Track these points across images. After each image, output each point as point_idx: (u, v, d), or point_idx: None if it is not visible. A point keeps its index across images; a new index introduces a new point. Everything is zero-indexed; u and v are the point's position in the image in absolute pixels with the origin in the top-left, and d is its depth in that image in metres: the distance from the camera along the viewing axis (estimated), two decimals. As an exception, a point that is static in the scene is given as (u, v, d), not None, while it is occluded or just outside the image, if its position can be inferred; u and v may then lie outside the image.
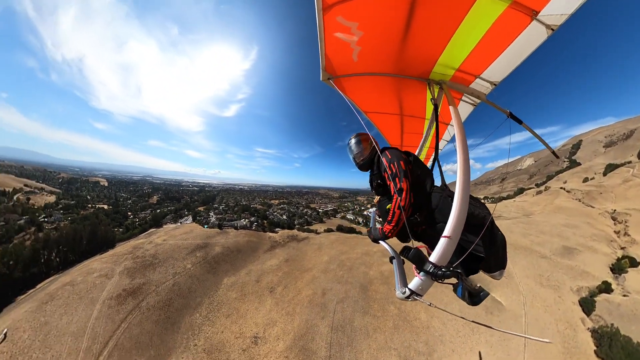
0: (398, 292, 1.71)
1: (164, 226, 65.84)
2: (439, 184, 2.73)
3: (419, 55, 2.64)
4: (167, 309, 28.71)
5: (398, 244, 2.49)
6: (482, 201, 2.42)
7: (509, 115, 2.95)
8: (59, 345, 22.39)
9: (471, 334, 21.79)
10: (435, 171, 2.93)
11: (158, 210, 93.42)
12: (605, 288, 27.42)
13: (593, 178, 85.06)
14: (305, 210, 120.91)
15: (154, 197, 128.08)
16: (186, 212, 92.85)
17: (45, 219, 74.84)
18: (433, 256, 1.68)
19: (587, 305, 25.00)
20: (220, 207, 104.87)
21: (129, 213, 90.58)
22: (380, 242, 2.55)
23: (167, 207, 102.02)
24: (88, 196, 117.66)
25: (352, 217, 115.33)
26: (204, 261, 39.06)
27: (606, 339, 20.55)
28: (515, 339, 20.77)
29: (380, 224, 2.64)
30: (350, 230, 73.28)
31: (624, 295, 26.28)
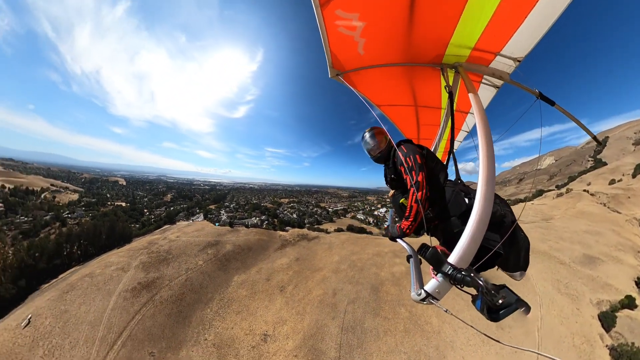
0: (413, 294, 1.59)
1: (177, 223, 67.52)
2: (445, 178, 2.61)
3: (429, 39, 2.43)
4: (179, 303, 29.28)
5: (414, 242, 2.24)
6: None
7: (538, 96, 2.61)
8: (77, 332, 23.43)
9: (481, 344, 20.98)
10: (449, 166, 2.76)
11: (172, 208, 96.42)
12: (629, 303, 25.09)
13: (620, 180, 79.44)
14: (315, 209, 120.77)
15: (168, 195, 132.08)
16: (198, 210, 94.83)
17: (69, 215, 79.00)
18: (452, 256, 1.54)
19: (607, 320, 23.06)
20: (231, 206, 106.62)
21: (145, 210, 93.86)
22: (398, 240, 2.48)
23: (180, 205, 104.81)
24: (108, 194, 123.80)
25: (362, 217, 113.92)
26: (215, 258, 39.61)
27: (625, 359, 18.92)
28: (527, 352, 19.71)
29: (397, 222, 2.57)
30: (361, 231, 72.63)
31: (649, 313, 24.11)
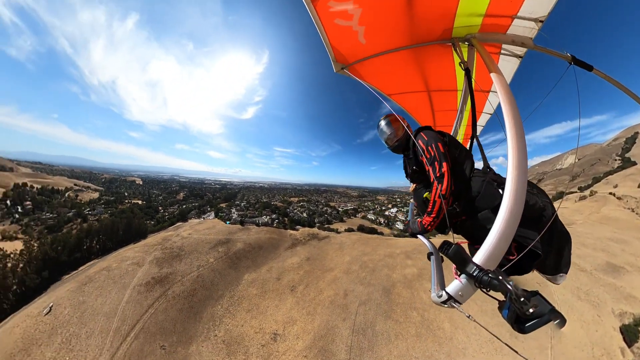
0: (433, 295, 1.46)
1: (189, 221, 68.95)
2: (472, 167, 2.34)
3: (432, 13, 2.23)
4: (191, 298, 29.63)
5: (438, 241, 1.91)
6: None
7: (571, 60, 2.20)
8: (93, 323, 24.24)
9: (494, 352, 19.95)
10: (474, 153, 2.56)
11: (184, 206, 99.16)
12: (654, 319, 22.81)
13: (654, 181, 74.35)
14: (325, 208, 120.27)
15: (181, 194, 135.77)
16: (209, 208, 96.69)
17: (90, 212, 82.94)
18: (478, 256, 1.37)
19: (630, 334, 21.31)
20: (242, 204, 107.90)
21: (160, 208, 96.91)
22: (419, 236, 2.32)
23: (191, 203, 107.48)
24: (125, 193, 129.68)
25: (373, 217, 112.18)
26: (226, 256, 39.92)
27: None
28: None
29: (419, 216, 2.44)
30: (372, 231, 71.64)
31: (676, 331, 21.93)
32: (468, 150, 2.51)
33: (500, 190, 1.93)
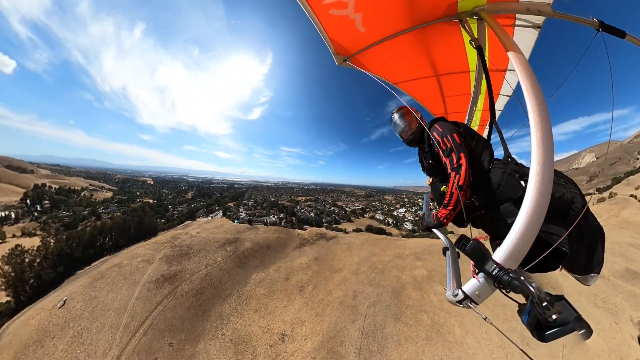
0: (449, 294, 1.36)
1: (197, 219, 69.79)
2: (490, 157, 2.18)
3: None
4: (199, 297, 29.70)
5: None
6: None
7: (599, 26, 1.96)
8: (104, 318, 24.63)
9: (505, 358, 19.20)
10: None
11: (192, 205, 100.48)
12: (676, 330, 20.81)
13: (683, 182, 69.95)
14: (333, 208, 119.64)
15: (189, 193, 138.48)
16: (217, 207, 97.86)
17: (103, 211, 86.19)
18: (498, 253, 1.26)
19: None
20: (250, 203, 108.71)
21: (170, 207, 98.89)
22: (434, 230, 2.18)
23: (200, 202, 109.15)
24: (137, 192, 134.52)
25: (381, 218, 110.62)
26: (234, 255, 39.97)
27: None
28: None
29: (434, 209, 2.34)
30: (380, 231, 70.69)
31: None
32: (486, 139, 2.36)
33: (522, 183, 1.81)
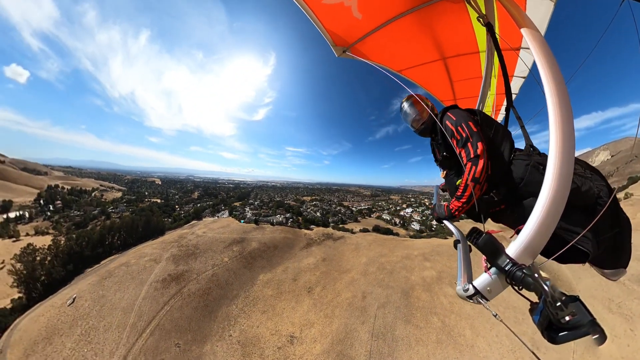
0: (459, 288, 1.32)
1: (204, 219, 69.94)
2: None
3: None
4: (206, 297, 29.39)
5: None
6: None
7: None
8: (111, 317, 24.60)
9: None
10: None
11: (199, 205, 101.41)
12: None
13: None
14: (339, 208, 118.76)
15: (195, 193, 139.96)
16: (223, 207, 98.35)
17: (113, 210, 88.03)
18: (512, 248, 1.20)
19: None
20: (256, 203, 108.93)
21: (177, 206, 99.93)
22: (445, 222, 2.01)
23: (206, 202, 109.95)
24: (146, 192, 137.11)
25: (388, 218, 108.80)
26: (241, 256, 39.64)
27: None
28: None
29: (446, 200, 2.19)
30: (387, 232, 69.59)
31: None
32: (505, 127, 2.15)
33: None
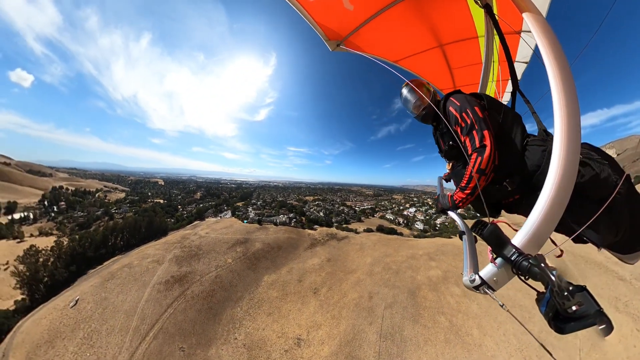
0: (465, 279, 1.32)
1: (206, 219, 69.59)
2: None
3: None
4: (210, 299, 28.90)
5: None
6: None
7: None
8: (114, 320, 24.18)
9: None
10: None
11: (201, 205, 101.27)
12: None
13: None
14: (342, 207, 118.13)
15: (198, 193, 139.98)
16: (225, 207, 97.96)
17: (116, 211, 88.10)
18: (518, 238, 1.19)
19: None
20: (258, 203, 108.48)
21: (179, 207, 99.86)
22: (450, 213, 1.94)
23: (208, 202, 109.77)
24: (149, 193, 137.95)
25: (391, 217, 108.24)
26: (244, 257, 39.14)
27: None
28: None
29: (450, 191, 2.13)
30: (391, 231, 69.02)
31: None
32: (514, 110, 1.96)
33: None
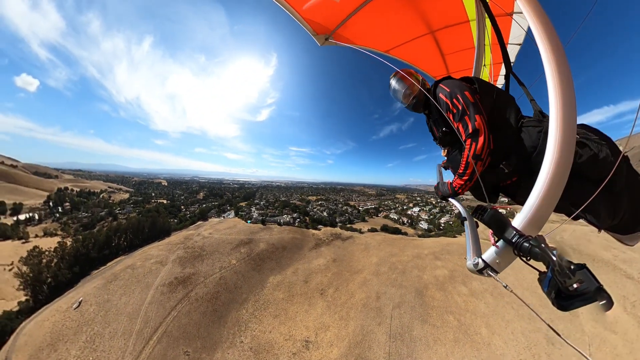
0: (469, 263, 1.35)
1: (209, 220, 69.22)
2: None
3: None
4: (215, 301, 28.36)
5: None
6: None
7: None
8: (117, 323, 23.73)
9: (532, 359, 18.09)
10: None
11: (204, 205, 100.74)
12: None
13: None
14: (345, 207, 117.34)
15: (201, 193, 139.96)
16: (228, 207, 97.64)
17: (120, 211, 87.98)
18: (518, 220, 1.23)
19: None
20: (261, 203, 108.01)
21: (182, 207, 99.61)
22: (450, 199, 2.03)
23: (211, 203, 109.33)
24: (152, 193, 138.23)
25: (395, 217, 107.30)
26: (249, 258, 38.58)
27: None
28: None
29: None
30: (396, 231, 68.12)
31: None
32: (507, 93, 1.98)
33: None
